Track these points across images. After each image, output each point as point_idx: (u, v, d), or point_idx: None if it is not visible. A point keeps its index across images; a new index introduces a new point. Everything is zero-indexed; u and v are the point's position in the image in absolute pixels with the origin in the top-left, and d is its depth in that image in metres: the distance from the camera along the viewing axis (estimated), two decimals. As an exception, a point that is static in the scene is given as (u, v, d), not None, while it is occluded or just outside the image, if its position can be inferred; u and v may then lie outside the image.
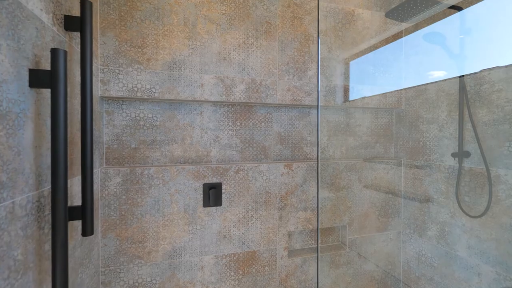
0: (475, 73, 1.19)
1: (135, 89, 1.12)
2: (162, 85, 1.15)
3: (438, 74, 1.36)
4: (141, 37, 1.13)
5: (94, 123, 1.02)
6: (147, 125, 1.20)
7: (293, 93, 1.34)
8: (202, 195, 1.21)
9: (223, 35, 1.25)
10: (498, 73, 1.11)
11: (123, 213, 1.11)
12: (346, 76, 1.46)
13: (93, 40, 1.01)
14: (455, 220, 1.28)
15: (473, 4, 1.19)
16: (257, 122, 1.36)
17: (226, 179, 1.24)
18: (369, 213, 1.52)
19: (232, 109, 1.32)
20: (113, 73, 1.09)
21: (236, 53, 1.26)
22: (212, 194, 1.19)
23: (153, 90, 1.14)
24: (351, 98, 1.46)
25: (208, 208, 1.22)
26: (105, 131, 1.14)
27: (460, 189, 1.25)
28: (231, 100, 1.24)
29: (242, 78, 1.26)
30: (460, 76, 1.20)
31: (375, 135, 1.60)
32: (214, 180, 1.23)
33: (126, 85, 1.11)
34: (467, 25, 1.22)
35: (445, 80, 1.32)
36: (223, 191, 1.24)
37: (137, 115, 1.19)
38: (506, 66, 1.08)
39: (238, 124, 1.33)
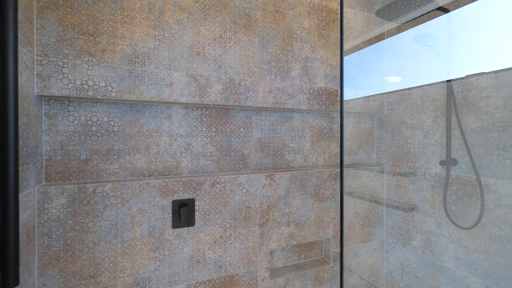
0: (462, 78, 1.16)
1: (86, 86, 0.90)
2: (120, 83, 0.94)
3: (424, 79, 1.31)
4: (94, 22, 0.92)
5: (27, 128, 0.79)
6: (102, 131, 0.98)
7: (275, 95, 1.20)
8: (171, 215, 1.02)
9: (196, 26, 1.07)
10: (486, 79, 1.07)
11: (69, 242, 0.88)
12: (330, 78, 1.36)
13: (27, 22, 0.78)
14: (442, 230, 1.24)
15: (460, 7, 1.15)
16: (235, 127, 1.20)
17: (199, 194, 1.07)
18: (353, 223, 1.43)
19: (207, 112, 1.15)
20: (56, 66, 0.87)
21: (212, 48, 1.09)
22: (183, 213, 1.00)
23: (109, 88, 0.93)
24: (334, 102, 1.36)
25: (178, 230, 1.03)
26: (44, 138, 0.91)
27: (447, 198, 1.21)
28: (205, 102, 1.07)
29: (219, 77, 1.09)
30: (447, 81, 1.16)
31: (357, 140, 1.53)
32: (186, 195, 1.04)
33: (73, 81, 0.88)
34: (453, 28, 1.18)
35: (430, 84, 1.28)
36: (196, 208, 1.06)
37: (88, 118, 0.96)
38: (495, 72, 1.04)
39: (214, 129, 1.16)
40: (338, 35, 1.38)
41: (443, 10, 1.12)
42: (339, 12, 1.38)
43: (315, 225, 1.32)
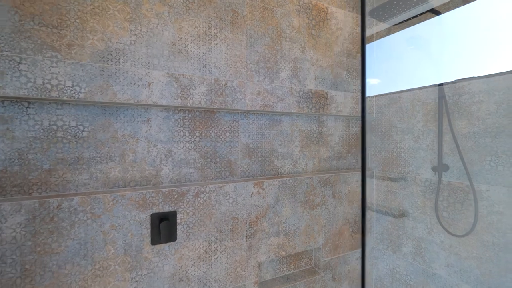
0: (452, 82, 1.14)
1: (48, 86, 0.78)
2: (90, 83, 0.83)
3: (415, 83, 1.29)
4: (58, 13, 0.80)
5: (-28, 136, 0.66)
6: (69, 137, 0.86)
7: (264, 97, 1.13)
8: (149, 230, 0.92)
9: (178, 21, 0.97)
10: (478, 84, 1.05)
11: (27, 266, 0.76)
12: (320, 80, 1.31)
13: (-30, 8, 0.66)
14: (433, 237, 1.22)
15: (451, 10, 1.13)
16: (220, 131, 1.11)
17: (182, 206, 0.97)
18: (343, 230, 1.39)
19: (190, 115, 1.05)
20: (11, 62, 0.74)
21: (195, 46, 1.00)
22: (164, 228, 0.90)
23: (77, 88, 0.81)
24: (324, 105, 1.30)
25: (158, 246, 0.93)
26: (-2, 146, 0.78)
27: (438, 204, 1.19)
28: (188, 104, 0.98)
29: (203, 77, 1.00)
30: (439, 85, 1.13)
31: (346, 144, 1.48)
32: (166, 208, 0.94)
33: (32, 80, 0.76)
34: (445, 31, 1.16)
35: (421, 88, 1.26)
36: (178, 221, 0.96)
37: (52, 123, 0.84)
38: (487, 77, 1.03)
39: (197, 134, 1.07)
40: (328, 35, 1.33)
41: (435, 12, 1.10)
42: (328, 11, 1.33)
43: (305, 234, 1.25)
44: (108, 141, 0.91)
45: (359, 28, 1.44)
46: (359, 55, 1.44)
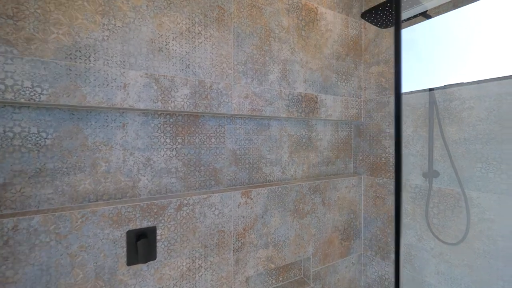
0: (442, 88, 1.12)
1: (2, 87, 0.66)
2: (55, 83, 0.72)
3: (404, 87, 1.26)
4: (14, 1, 0.68)
5: None
6: (29, 145, 0.74)
7: (252, 101, 1.05)
8: (125, 249, 0.82)
9: (158, 16, 0.88)
10: (468, 90, 1.04)
11: (-26, 300, 0.64)
12: (310, 83, 1.26)
13: None
14: (423, 244, 1.20)
15: (442, 14, 1.11)
16: (205, 137, 1.03)
17: (162, 221, 0.88)
18: (332, 238, 1.34)
19: (171, 120, 0.96)
20: (-47, 57, 0.62)
21: (177, 44, 0.91)
22: (142, 246, 0.81)
23: (38, 90, 0.70)
24: (314, 109, 1.25)
25: (135, 266, 0.83)
26: None
27: (428, 211, 1.17)
28: (169, 108, 0.88)
29: (186, 78, 0.92)
30: (429, 90, 1.11)
31: (335, 149, 1.45)
32: (145, 223, 0.85)
33: (-19, 79, 0.64)
34: (436, 35, 1.14)
35: (411, 93, 1.24)
36: (158, 237, 0.87)
37: (8, 129, 0.72)
38: (477, 83, 1.02)
39: (180, 140, 0.97)
40: (318, 36, 1.28)
41: (425, 16, 1.08)
42: (318, 12, 1.28)
43: (294, 244, 1.20)
44: (77, 150, 0.80)
45: (349, 30, 1.40)
46: (349, 58, 1.41)
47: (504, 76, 0.96)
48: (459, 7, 1.06)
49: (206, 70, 0.97)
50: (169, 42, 0.90)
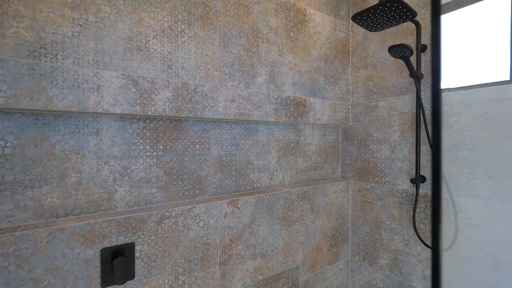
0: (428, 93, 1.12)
1: None
2: (15, 84, 0.63)
3: (392, 91, 1.26)
4: (-37, -12, 0.59)
5: None
6: (-17, 155, 0.65)
7: (239, 104, 1.00)
8: (99, 269, 0.73)
9: (137, 11, 0.80)
10: (456, 96, 1.04)
11: None
12: (298, 86, 1.22)
13: None
14: (410, 249, 1.20)
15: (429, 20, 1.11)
16: (189, 143, 0.96)
17: (142, 236, 0.80)
18: (321, 245, 1.31)
19: (152, 125, 0.88)
20: None
21: (158, 42, 0.84)
22: (118, 265, 0.73)
23: (-6, 91, 0.61)
24: (302, 113, 1.22)
25: (110, 288, 0.75)
26: None
27: (415, 216, 1.17)
28: (149, 112, 0.81)
29: (168, 80, 0.84)
30: (417, 95, 1.11)
31: (323, 154, 1.42)
32: (122, 239, 0.77)
33: None
34: (422, 41, 1.14)
35: (398, 97, 1.23)
36: (137, 254, 0.79)
37: (-43, 136, 0.62)
38: (464, 89, 1.02)
39: (161, 147, 0.90)
40: (306, 38, 1.24)
41: (415, 22, 1.07)
42: (307, 13, 1.24)
43: (283, 253, 1.15)
44: (42, 159, 0.71)
45: (337, 32, 1.38)
46: (337, 61, 1.38)
47: (491, 83, 0.96)
48: (446, 13, 1.06)
49: (190, 72, 0.90)
50: (149, 41, 0.82)
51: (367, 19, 0.97)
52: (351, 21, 1.45)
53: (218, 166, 1.03)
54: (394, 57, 1.01)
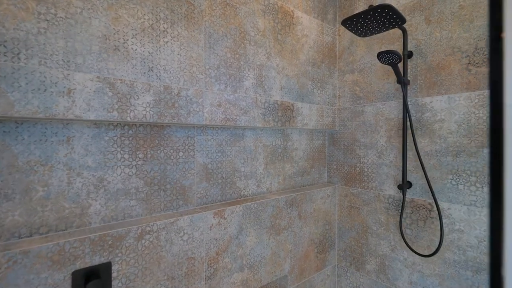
0: (414, 99, 1.13)
1: None
2: (-34, 87, 0.54)
3: (378, 97, 1.26)
4: None
5: None
6: None
7: (225, 109, 0.95)
8: (70, 295, 0.65)
9: (114, 7, 0.73)
10: (440, 102, 1.06)
11: None
12: (286, 90, 1.19)
13: None
14: (396, 254, 1.20)
15: (417, 28, 1.12)
16: (172, 151, 0.90)
17: (119, 254, 0.73)
18: (308, 252, 1.29)
19: (131, 132, 0.81)
20: None
21: (138, 42, 0.77)
22: (93, 289, 0.66)
23: None
24: (290, 118, 1.19)
25: (83, 315, 0.67)
26: None
27: (402, 221, 1.17)
28: (128, 118, 0.74)
29: (149, 83, 0.78)
30: (403, 100, 1.11)
31: (310, 159, 1.40)
32: (96, 259, 0.69)
33: None
34: (409, 48, 1.14)
35: (384, 103, 1.23)
36: (114, 275, 0.72)
37: None
38: (448, 96, 1.03)
39: (141, 155, 0.83)
40: (294, 41, 1.21)
41: (402, 29, 1.07)
42: (294, 15, 1.21)
43: (271, 263, 1.11)
44: (2, 172, 0.62)
45: (324, 36, 1.36)
46: (324, 65, 1.37)
47: (474, 90, 0.98)
48: (430, 24, 1.07)
49: (173, 74, 0.84)
50: (127, 40, 0.75)
51: (357, 24, 0.95)
52: (337, 25, 1.44)
53: (203, 174, 0.97)
54: (383, 63, 1.01)
